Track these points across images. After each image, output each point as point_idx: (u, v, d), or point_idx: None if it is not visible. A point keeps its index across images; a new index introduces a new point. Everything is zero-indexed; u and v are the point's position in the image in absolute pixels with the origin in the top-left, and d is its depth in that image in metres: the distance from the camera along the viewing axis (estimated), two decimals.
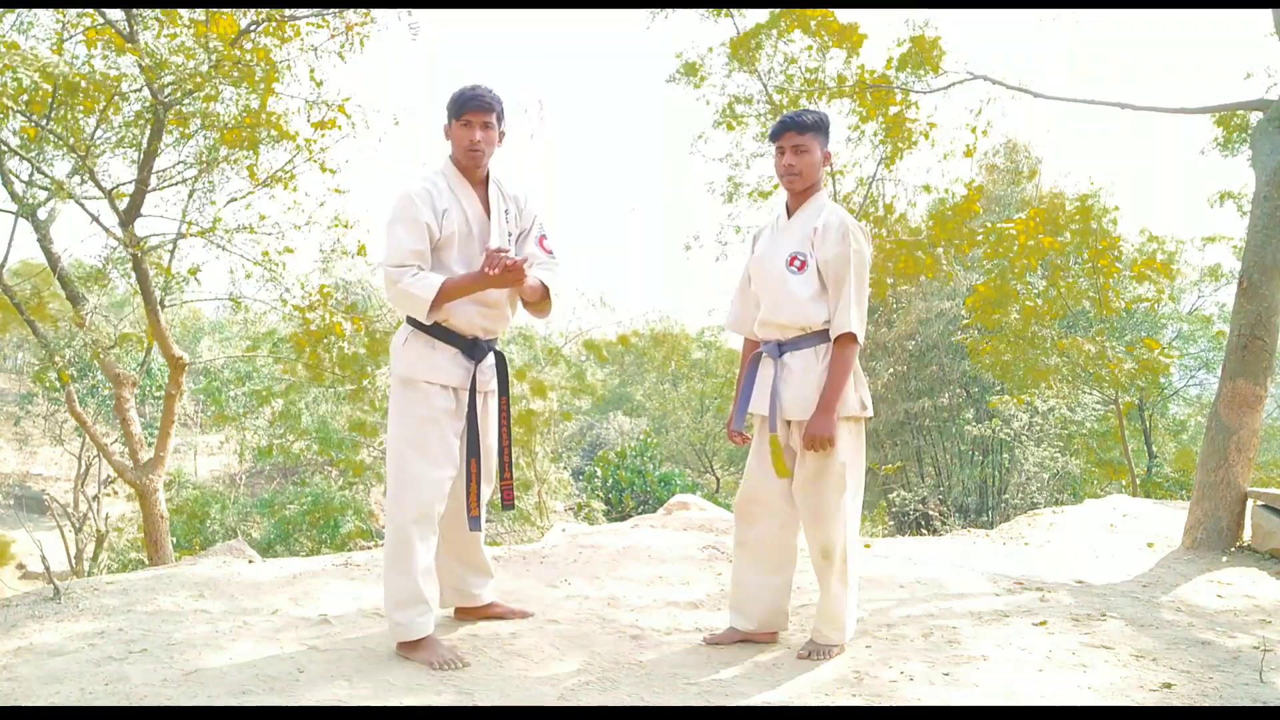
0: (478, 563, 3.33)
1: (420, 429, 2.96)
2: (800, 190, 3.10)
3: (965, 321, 12.72)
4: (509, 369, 3.27)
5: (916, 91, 10.03)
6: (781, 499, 3.11)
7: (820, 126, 3.05)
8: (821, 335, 3.01)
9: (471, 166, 3.03)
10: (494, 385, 3.16)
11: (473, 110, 2.96)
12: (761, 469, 3.13)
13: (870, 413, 3.04)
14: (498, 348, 3.17)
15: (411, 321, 3.03)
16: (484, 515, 3.22)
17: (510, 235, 3.14)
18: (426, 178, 3.02)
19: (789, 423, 3.07)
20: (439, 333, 3.00)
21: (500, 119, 3.03)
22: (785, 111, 11.61)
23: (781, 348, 3.07)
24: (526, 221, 3.22)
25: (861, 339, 2.98)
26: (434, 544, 3.02)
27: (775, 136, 3.08)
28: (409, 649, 2.95)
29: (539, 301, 3.17)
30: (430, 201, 2.95)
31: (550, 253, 3.25)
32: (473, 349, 3.05)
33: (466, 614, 3.40)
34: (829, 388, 2.96)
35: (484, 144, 2.99)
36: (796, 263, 3.03)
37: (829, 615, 3.06)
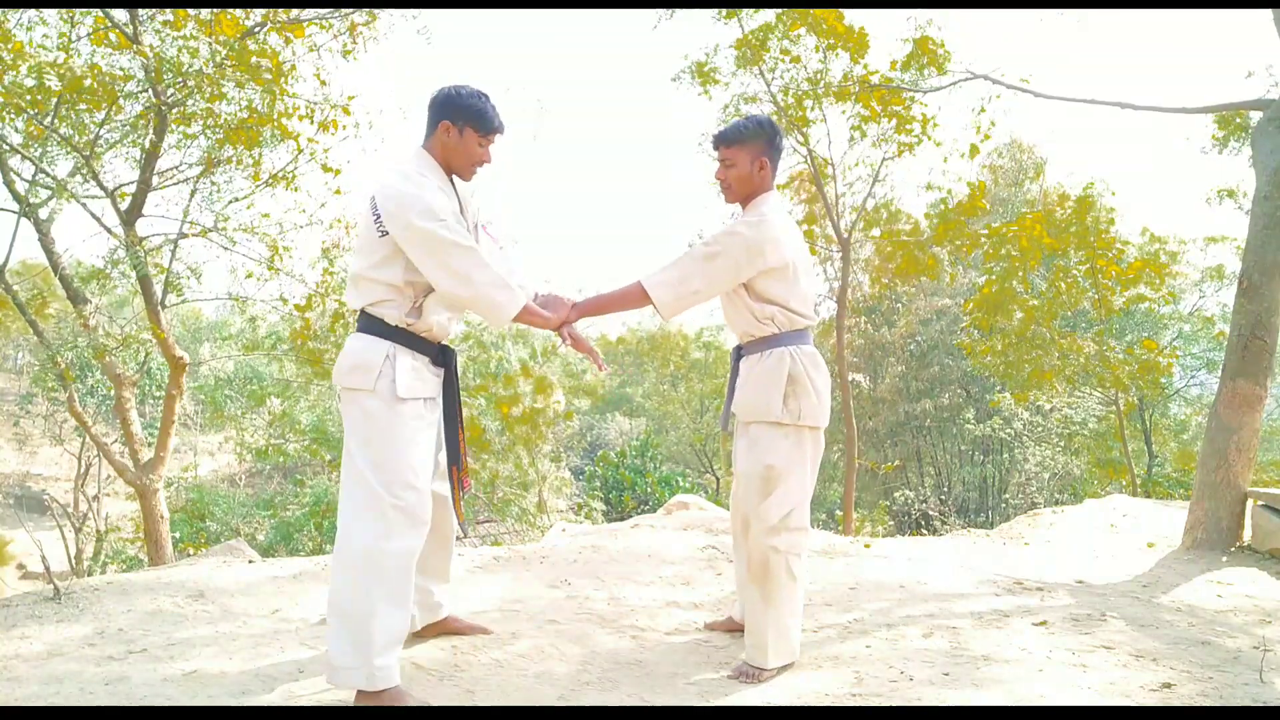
0: (442, 569, 3.13)
1: (418, 449, 2.74)
2: (733, 201, 3.07)
3: (966, 323, 12.71)
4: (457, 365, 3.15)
5: (919, 91, 10.03)
6: None
7: (745, 137, 2.96)
8: (769, 340, 2.95)
9: (466, 179, 2.99)
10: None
11: (497, 133, 2.92)
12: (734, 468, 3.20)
13: (813, 423, 2.88)
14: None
15: (375, 330, 2.78)
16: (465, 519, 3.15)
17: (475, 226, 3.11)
18: (416, 167, 2.88)
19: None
20: (417, 344, 2.81)
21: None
22: (785, 111, 11.67)
23: (740, 352, 3.09)
24: (477, 214, 3.16)
25: (656, 302, 2.87)
26: None
27: (713, 148, 3.07)
28: (375, 699, 2.57)
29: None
30: (433, 185, 2.87)
31: (495, 239, 3.19)
32: (441, 355, 2.92)
33: (423, 632, 3.16)
34: (595, 299, 3.00)
35: (487, 163, 2.97)
36: None
37: (750, 635, 2.93)
